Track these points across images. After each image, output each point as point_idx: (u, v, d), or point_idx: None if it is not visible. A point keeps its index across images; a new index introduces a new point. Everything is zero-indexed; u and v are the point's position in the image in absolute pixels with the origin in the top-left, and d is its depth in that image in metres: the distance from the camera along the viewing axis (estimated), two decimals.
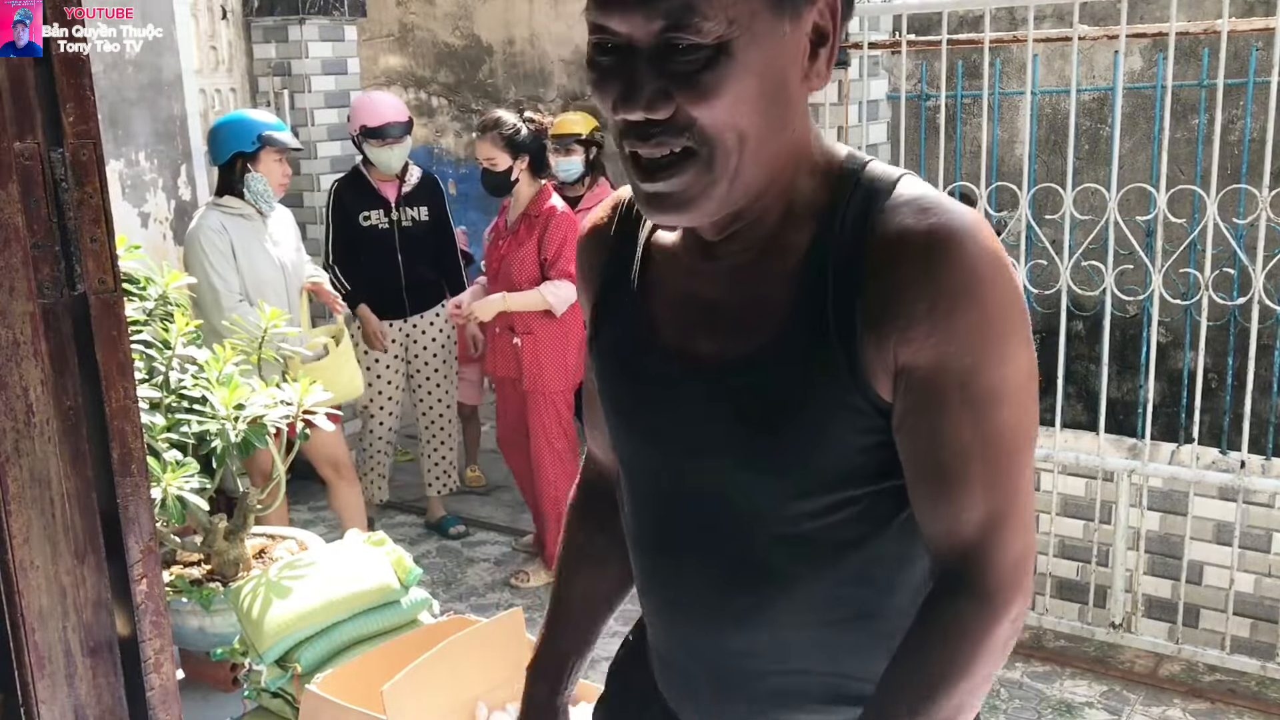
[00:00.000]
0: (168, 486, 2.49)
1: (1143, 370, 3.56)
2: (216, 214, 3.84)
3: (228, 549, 2.85)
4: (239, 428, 2.69)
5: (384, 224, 4.69)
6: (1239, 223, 3.33)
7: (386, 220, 4.69)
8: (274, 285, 3.87)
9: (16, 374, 1.16)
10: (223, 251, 3.77)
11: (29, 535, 1.19)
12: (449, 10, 7.18)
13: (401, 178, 4.72)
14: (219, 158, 3.91)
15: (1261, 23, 3.25)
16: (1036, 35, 3.51)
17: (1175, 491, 3.62)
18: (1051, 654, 3.75)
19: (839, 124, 3.81)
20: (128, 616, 1.29)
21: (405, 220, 4.72)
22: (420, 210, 4.76)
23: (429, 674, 2.13)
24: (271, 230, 3.94)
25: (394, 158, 4.59)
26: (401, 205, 4.71)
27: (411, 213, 4.73)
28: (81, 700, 1.25)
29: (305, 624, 2.46)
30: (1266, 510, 3.53)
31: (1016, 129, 5.37)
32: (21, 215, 1.16)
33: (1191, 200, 3.50)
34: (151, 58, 4.72)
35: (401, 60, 7.43)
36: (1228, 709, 3.41)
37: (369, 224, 4.67)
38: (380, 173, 4.65)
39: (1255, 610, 3.57)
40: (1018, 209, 3.55)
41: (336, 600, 2.55)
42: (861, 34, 3.77)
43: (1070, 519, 3.83)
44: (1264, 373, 3.68)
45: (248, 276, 3.80)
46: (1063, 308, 3.52)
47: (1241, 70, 4.29)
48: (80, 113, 1.20)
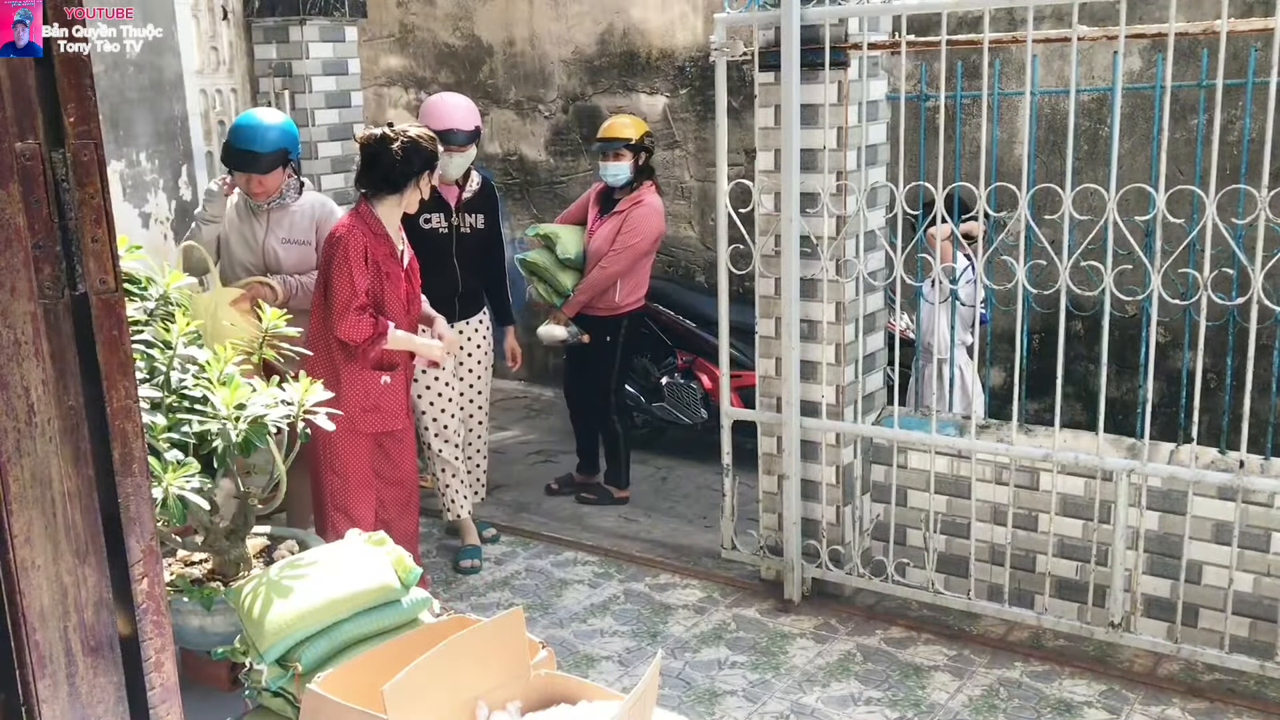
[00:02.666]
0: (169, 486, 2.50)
1: (1142, 370, 3.56)
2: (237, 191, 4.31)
3: (228, 549, 2.86)
4: (240, 428, 2.69)
5: (444, 229, 4.61)
6: (1238, 223, 3.33)
7: (446, 225, 4.62)
8: (243, 263, 4.28)
9: (18, 374, 1.17)
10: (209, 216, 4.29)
11: (30, 535, 1.19)
12: (449, 11, 7.18)
13: (463, 184, 4.66)
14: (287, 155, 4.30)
15: (1260, 23, 3.25)
16: (1036, 36, 3.51)
17: (1174, 491, 3.63)
18: (1051, 653, 3.75)
19: (839, 124, 3.82)
20: (129, 616, 1.29)
21: (464, 226, 4.66)
22: (478, 218, 4.69)
23: (429, 674, 2.13)
24: (274, 217, 4.25)
25: (453, 165, 4.53)
26: (461, 211, 4.65)
27: (470, 219, 4.67)
28: (82, 700, 1.26)
29: (306, 623, 2.47)
30: (1265, 510, 3.53)
31: (1016, 129, 5.38)
32: (23, 215, 1.16)
33: (1190, 200, 3.50)
34: (152, 58, 4.72)
35: (402, 61, 7.44)
36: (1227, 708, 3.41)
37: (429, 227, 4.58)
38: (442, 177, 4.52)
39: (1254, 610, 3.58)
40: (1017, 209, 3.55)
41: (337, 600, 2.55)
42: (861, 34, 3.77)
43: (1069, 519, 3.83)
44: (1263, 373, 3.68)
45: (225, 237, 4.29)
46: (1062, 308, 3.52)
47: (1240, 71, 4.29)
48: (81, 113, 1.21)
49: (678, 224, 6.57)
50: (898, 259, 3.85)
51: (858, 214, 3.90)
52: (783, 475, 4.12)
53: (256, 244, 4.26)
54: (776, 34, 3.83)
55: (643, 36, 6.49)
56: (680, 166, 6.51)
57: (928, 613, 4.04)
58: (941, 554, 4.06)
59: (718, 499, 4.63)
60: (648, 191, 4.96)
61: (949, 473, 4.04)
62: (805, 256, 3.93)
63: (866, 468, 4.21)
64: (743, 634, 3.95)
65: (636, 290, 5.12)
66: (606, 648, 3.90)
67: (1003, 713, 3.43)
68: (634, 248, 4.91)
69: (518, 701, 2.29)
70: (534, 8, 6.86)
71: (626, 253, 4.91)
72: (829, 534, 4.12)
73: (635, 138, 4.86)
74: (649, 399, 5.83)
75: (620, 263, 4.92)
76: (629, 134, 4.86)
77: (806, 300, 4.00)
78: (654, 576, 4.45)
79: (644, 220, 4.91)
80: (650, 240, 4.97)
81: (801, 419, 4.03)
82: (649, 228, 4.93)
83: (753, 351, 4.32)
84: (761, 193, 4.00)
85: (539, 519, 5.13)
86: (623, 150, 4.85)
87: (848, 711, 3.45)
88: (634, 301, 5.13)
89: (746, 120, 5.67)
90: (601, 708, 2.24)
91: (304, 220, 4.33)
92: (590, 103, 6.74)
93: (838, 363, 4.02)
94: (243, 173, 4.13)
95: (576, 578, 4.47)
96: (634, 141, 4.85)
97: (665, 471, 5.77)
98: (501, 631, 2.31)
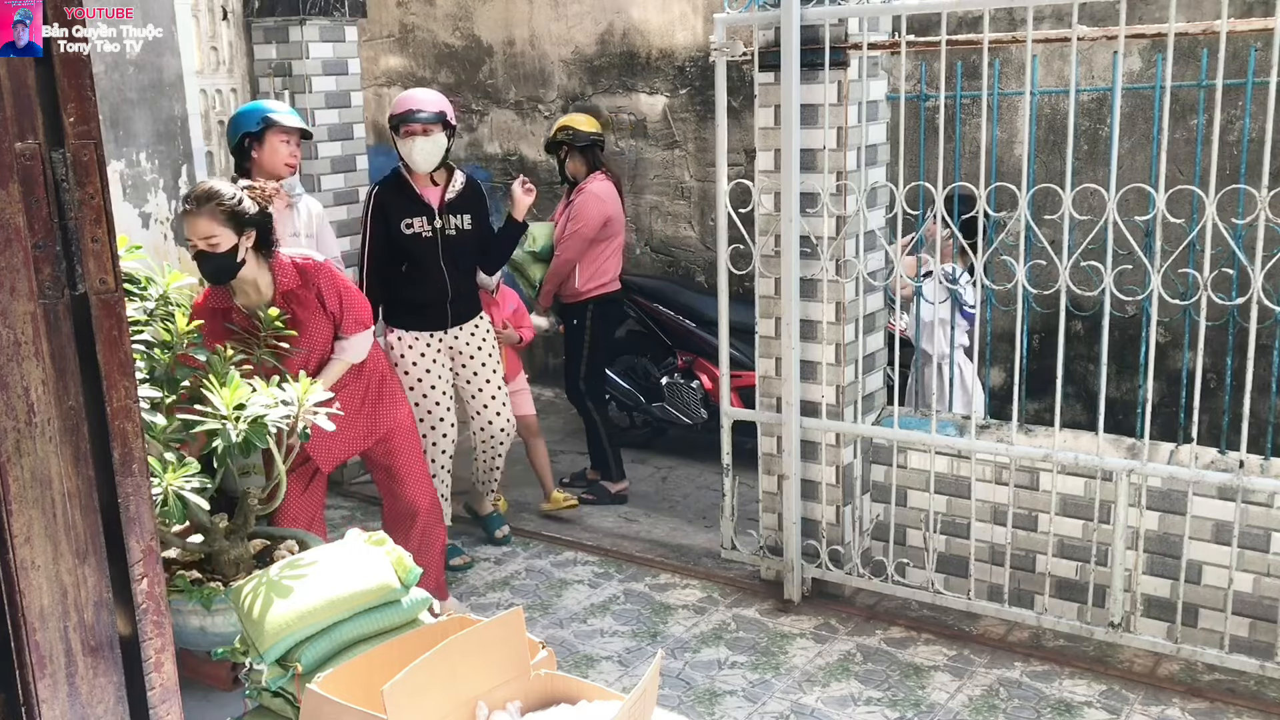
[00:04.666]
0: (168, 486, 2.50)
1: (1142, 370, 3.56)
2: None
3: (228, 549, 2.86)
4: (239, 428, 2.69)
5: (428, 233, 4.37)
6: (1238, 223, 3.33)
7: (430, 229, 4.38)
8: None
9: (18, 374, 1.17)
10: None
11: (30, 535, 1.19)
12: (449, 11, 7.18)
13: (444, 184, 4.42)
14: (230, 140, 4.30)
15: (1260, 23, 3.25)
16: (1035, 36, 3.51)
17: (1174, 491, 3.63)
18: (1050, 653, 3.75)
19: (839, 124, 3.82)
20: (128, 616, 1.29)
21: (450, 229, 4.40)
22: (464, 218, 4.44)
23: (429, 674, 2.13)
24: (284, 214, 4.18)
25: (418, 150, 4.27)
26: (446, 213, 4.40)
27: (456, 221, 4.42)
28: (82, 699, 1.26)
29: (306, 623, 2.47)
30: (1265, 510, 3.53)
31: (1016, 129, 5.38)
32: (23, 215, 1.16)
33: (1190, 200, 3.50)
34: (152, 58, 4.72)
35: (402, 61, 7.44)
36: (1226, 708, 3.41)
37: (412, 232, 4.36)
38: (420, 176, 4.36)
39: (1254, 610, 3.58)
40: (1017, 209, 3.55)
41: (337, 599, 2.55)
42: (861, 34, 3.77)
43: (1069, 519, 3.83)
44: (1262, 373, 3.68)
45: None
46: (1062, 308, 3.52)
47: (1240, 71, 4.29)
48: (81, 113, 1.21)
49: (678, 224, 6.57)
50: (897, 259, 3.85)
51: (857, 214, 3.90)
52: (783, 475, 4.12)
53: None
54: (776, 34, 3.83)
55: (643, 36, 6.49)
56: (680, 166, 6.51)
57: (928, 613, 4.04)
58: (941, 554, 4.06)
59: (718, 499, 4.63)
60: (593, 180, 5.19)
61: (949, 473, 4.05)
62: (805, 256, 3.93)
63: (866, 468, 4.21)
64: (743, 634, 3.95)
65: (599, 277, 5.21)
66: (606, 648, 3.90)
67: (1003, 713, 3.43)
68: (579, 233, 5.11)
69: (518, 701, 2.29)
70: (534, 8, 6.86)
71: (573, 239, 5.12)
72: (829, 534, 4.12)
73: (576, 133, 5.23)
74: (649, 399, 5.84)
75: (570, 249, 5.13)
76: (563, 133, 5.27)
77: (806, 300, 4.00)
78: (654, 576, 4.45)
79: (584, 207, 5.12)
80: (594, 225, 5.11)
81: (801, 419, 4.03)
82: (589, 213, 5.11)
83: (753, 351, 4.32)
84: (761, 193, 4.00)
85: (539, 519, 5.13)
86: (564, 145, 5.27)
87: (848, 711, 3.45)
88: (596, 288, 5.22)
89: (746, 120, 5.67)
90: (601, 708, 2.24)
91: (304, 215, 4.39)
92: (590, 103, 6.74)
93: (837, 363, 4.02)
94: (291, 139, 4.24)
95: (576, 578, 4.47)
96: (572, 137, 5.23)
97: (665, 471, 5.77)
98: (501, 631, 2.31)
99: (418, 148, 4.28)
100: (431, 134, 4.27)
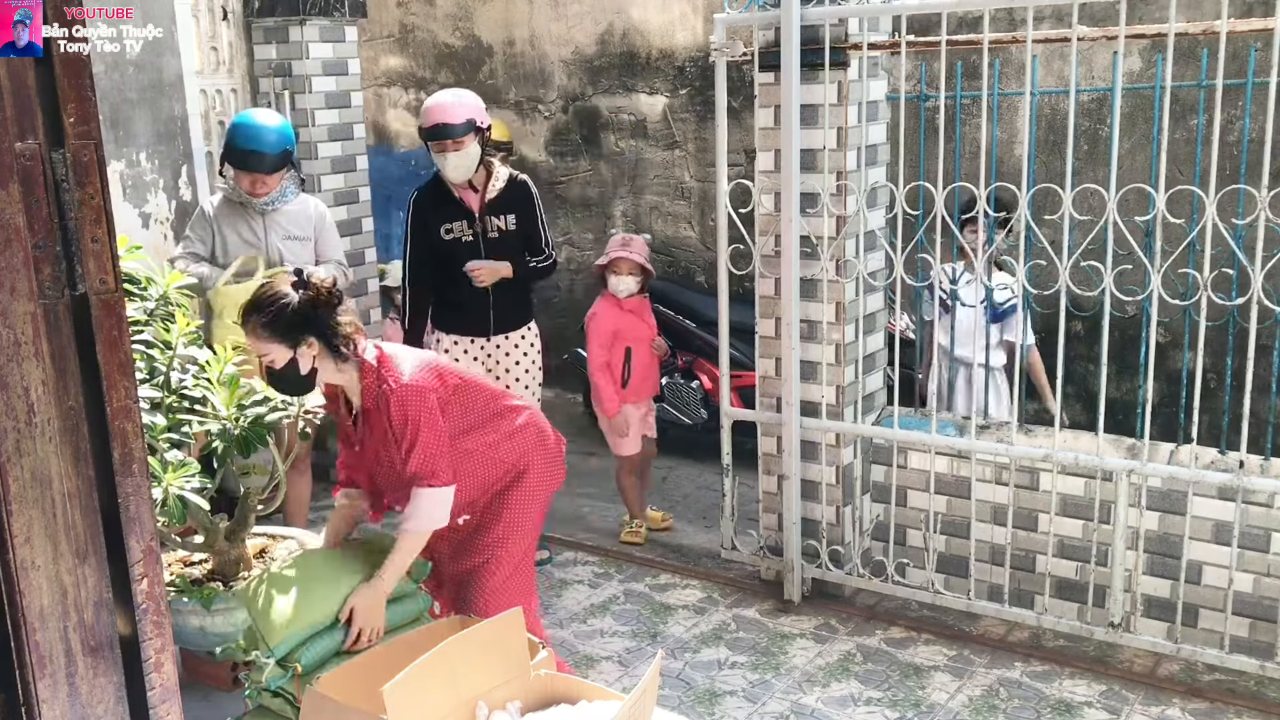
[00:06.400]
0: (169, 486, 2.50)
1: (1142, 370, 3.56)
2: (220, 194, 4.42)
3: (228, 549, 2.86)
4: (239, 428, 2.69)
5: (468, 237, 4.22)
6: (1238, 223, 3.33)
7: (471, 233, 4.22)
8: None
9: (18, 374, 1.17)
10: (201, 219, 4.37)
11: (30, 535, 1.19)
12: (449, 11, 7.18)
13: (485, 183, 4.25)
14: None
15: (1260, 23, 3.25)
16: (1035, 36, 3.51)
17: (1174, 491, 3.63)
18: (1050, 653, 3.75)
19: (839, 124, 3.82)
20: (128, 616, 1.29)
21: (491, 231, 4.23)
22: (507, 219, 4.26)
23: (429, 674, 2.13)
24: (273, 216, 4.32)
25: (450, 166, 4.13)
26: (486, 215, 4.23)
27: (498, 222, 4.24)
28: (82, 700, 1.26)
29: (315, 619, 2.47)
30: (1265, 510, 3.53)
31: (1016, 129, 5.38)
32: (23, 215, 1.16)
33: (1190, 201, 3.50)
34: (152, 58, 4.72)
35: (402, 61, 7.44)
36: (1226, 708, 3.41)
37: (451, 237, 4.22)
38: (451, 180, 4.20)
39: (1254, 610, 3.58)
40: (1017, 209, 3.55)
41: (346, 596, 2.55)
42: (861, 35, 3.77)
43: (1069, 519, 3.83)
44: (1263, 373, 3.68)
45: (221, 244, 4.31)
46: (1062, 308, 3.52)
47: (1240, 71, 4.29)
48: (81, 113, 1.21)
49: (678, 224, 6.57)
50: (898, 259, 3.85)
51: (858, 214, 3.90)
52: (783, 475, 4.12)
53: (260, 243, 4.28)
54: (776, 34, 3.83)
55: (643, 37, 6.49)
56: (680, 167, 6.51)
57: (928, 613, 4.04)
58: (941, 554, 4.06)
59: (718, 499, 4.63)
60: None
61: (949, 473, 4.04)
62: (805, 257, 3.93)
63: (866, 468, 4.21)
64: (743, 634, 3.95)
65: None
66: (606, 648, 3.90)
67: (1003, 713, 3.43)
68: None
69: (518, 701, 2.29)
70: (534, 8, 6.86)
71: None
72: (829, 534, 4.12)
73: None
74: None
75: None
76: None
77: (806, 300, 4.00)
78: (654, 576, 4.45)
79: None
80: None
81: (801, 419, 4.03)
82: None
83: (753, 351, 4.32)
84: (761, 193, 4.00)
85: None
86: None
87: (848, 711, 3.45)
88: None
89: (746, 120, 5.67)
90: (601, 708, 2.24)
91: (302, 217, 4.38)
92: (590, 103, 6.74)
93: (838, 363, 4.02)
94: (250, 172, 4.17)
95: (576, 578, 4.47)
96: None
97: (665, 471, 5.77)
98: (501, 631, 2.31)
99: (450, 164, 4.12)
100: (463, 146, 4.09)
